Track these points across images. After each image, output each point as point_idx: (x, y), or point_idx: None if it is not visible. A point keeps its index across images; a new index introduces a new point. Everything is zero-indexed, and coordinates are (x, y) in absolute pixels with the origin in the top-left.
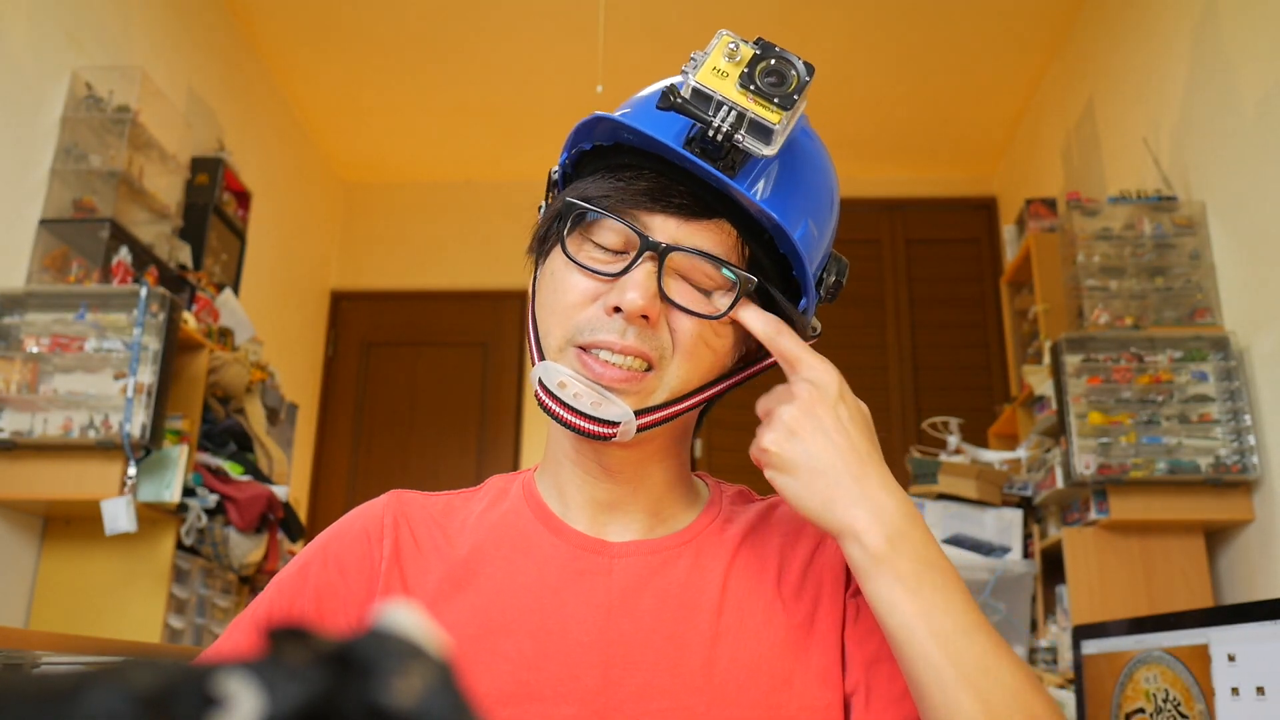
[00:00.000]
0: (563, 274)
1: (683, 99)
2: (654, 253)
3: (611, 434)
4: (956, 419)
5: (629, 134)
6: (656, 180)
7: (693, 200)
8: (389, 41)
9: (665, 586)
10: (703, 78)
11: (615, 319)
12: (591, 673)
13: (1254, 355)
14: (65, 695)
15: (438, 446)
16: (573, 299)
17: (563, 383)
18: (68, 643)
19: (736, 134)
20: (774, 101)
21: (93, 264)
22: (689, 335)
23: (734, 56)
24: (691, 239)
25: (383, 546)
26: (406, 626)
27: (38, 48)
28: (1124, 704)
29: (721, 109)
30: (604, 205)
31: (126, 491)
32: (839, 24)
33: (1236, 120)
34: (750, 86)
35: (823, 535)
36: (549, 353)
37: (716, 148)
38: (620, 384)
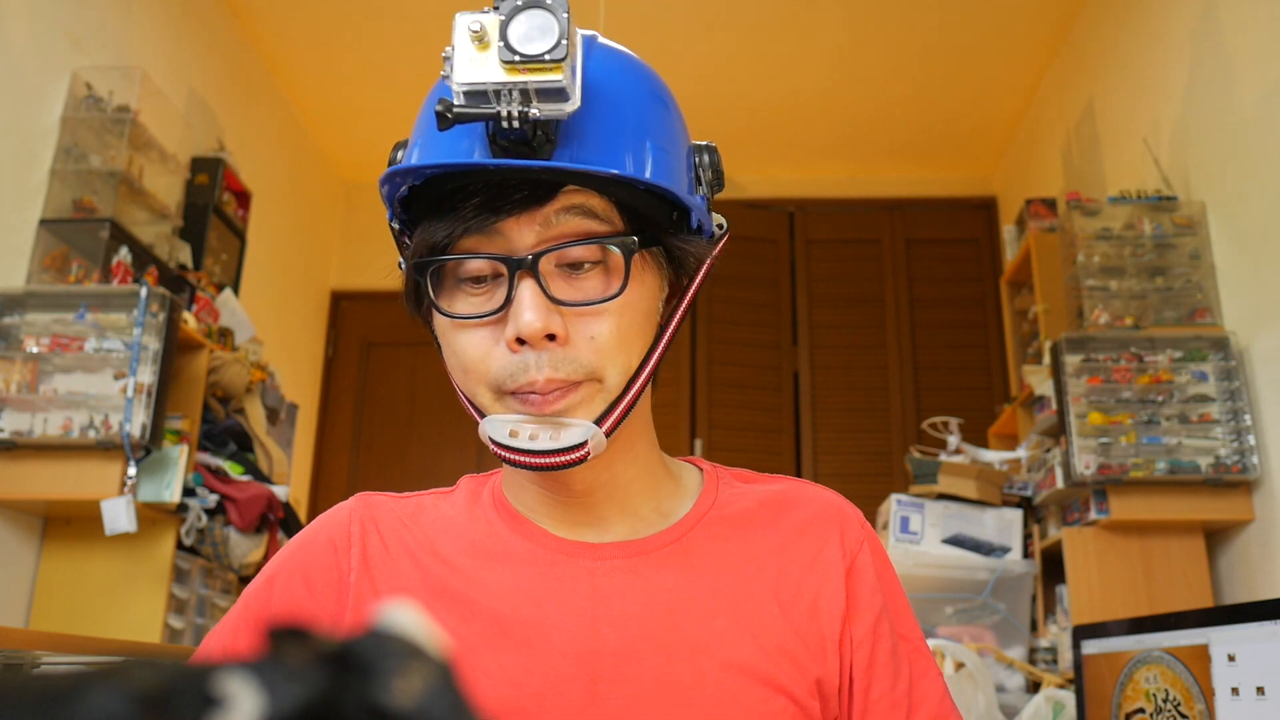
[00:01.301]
0: (453, 335)
1: (458, 108)
2: (524, 269)
3: (583, 456)
4: (956, 419)
5: (432, 171)
6: (488, 191)
7: (533, 187)
8: (389, 41)
9: (652, 591)
10: (461, 75)
11: (524, 352)
12: (576, 686)
13: (1254, 355)
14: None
15: (438, 446)
16: (474, 354)
17: (513, 431)
18: (68, 643)
19: (531, 110)
20: (545, 59)
21: (93, 264)
22: (609, 334)
23: (482, 36)
24: (547, 224)
25: (350, 556)
26: (406, 626)
27: (38, 48)
28: (1124, 704)
29: (501, 95)
30: (451, 245)
31: (126, 491)
32: (839, 24)
33: (1236, 120)
34: (516, 58)
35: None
36: (485, 409)
37: (518, 134)
38: (564, 402)
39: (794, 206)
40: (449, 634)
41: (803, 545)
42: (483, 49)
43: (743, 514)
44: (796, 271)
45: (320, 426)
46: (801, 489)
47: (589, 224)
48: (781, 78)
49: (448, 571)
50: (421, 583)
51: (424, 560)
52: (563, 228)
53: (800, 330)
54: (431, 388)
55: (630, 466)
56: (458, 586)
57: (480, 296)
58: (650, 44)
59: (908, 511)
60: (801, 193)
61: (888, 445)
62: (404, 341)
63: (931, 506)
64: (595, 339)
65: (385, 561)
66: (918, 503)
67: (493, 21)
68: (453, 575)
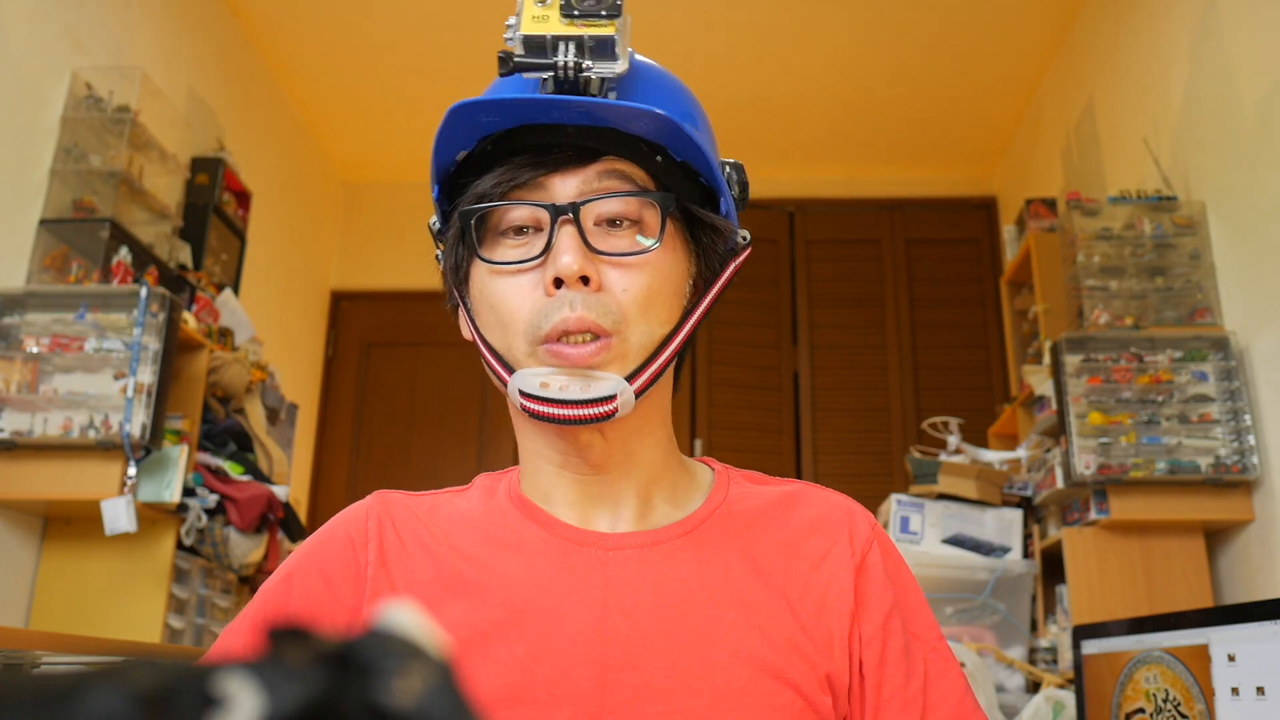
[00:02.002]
0: (492, 284)
1: (519, 57)
2: (565, 216)
3: (612, 410)
4: (956, 419)
5: (488, 115)
6: (535, 150)
7: (576, 150)
8: (389, 41)
9: (663, 581)
10: (526, 27)
11: (560, 294)
12: (587, 674)
13: (1254, 355)
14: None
15: (438, 446)
16: (514, 301)
17: (544, 383)
18: (68, 643)
19: (584, 62)
20: (602, 15)
21: (93, 264)
22: (638, 289)
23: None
24: (589, 182)
25: (368, 551)
26: (406, 626)
27: (38, 48)
28: (1124, 704)
29: (559, 46)
30: (496, 195)
31: (126, 491)
32: (839, 24)
33: (1236, 120)
34: (574, 14)
35: (840, 532)
36: (518, 365)
37: (571, 84)
38: (597, 357)
39: (794, 206)
40: (462, 622)
41: (812, 544)
42: (545, 9)
43: (753, 512)
44: (796, 271)
45: (320, 426)
46: (811, 490)
47: (626, 186)
48: (781, 78)
49: (462, 562)
50: (436, 575)
51: (438, 553)
52: (603, 186)
53: (800, 330)
54: (432, 388)
55: (647, 449)
56: (471, 576)
57: (521, 247)
58: (650, 43)
59: (908, 511)
60: (801, 193)
61: (888, 445)
62: (404, 341)
63: (931, 506)
64: (627, 290)
65: (401, 556)
66: (918, 503)
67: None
68: (467, 565)
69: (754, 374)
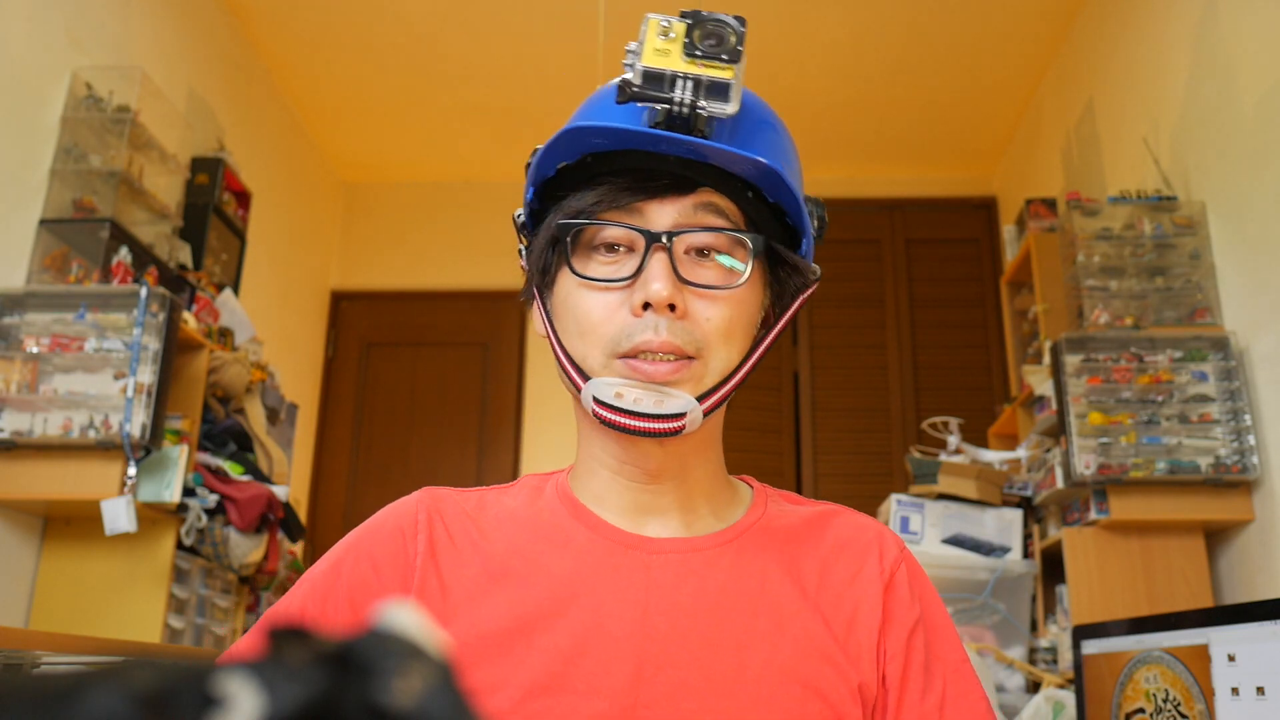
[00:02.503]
0: (578, 295)
1: (638, 88)
2: (660, 243)
3: (680, 426)
4: (956, 419)
5: (599, 138)
6: (636, 173)
7: (675, 179)
8: (389, 41)
9: (702, 586)
10: (649, 60)
11: (646, 317)
12: (625, 668)
13: (1254, 355)
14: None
15: (438, 446)
16: (598, 315)
17: (619, 393)
18: (68, 643)
19: (699, 101)
20: (722, 60)
21: (93, 264)
22: (721, 319)
23: (669, 34)
24: (685, 214)
25: (417, 542)
26: (406, 626)
27: (38, 48)
28: (1124, 704)
29: (677, 83)
30: (595, 214)
31: (126, 491)
32: (839, 24)
33: (1236, 120)
34: (696, 54)
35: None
36: (593, 373)
37: (683, 123)
38: (673, 376)
39: None
40: (507, 611)
41: (844, 562)
42: (668, 44)
43: (790, 528)
44: None
45: (320, 426)
46: (843, 512)
47: (719, 221)
48: (781, 77)
49: (510, 556)
50: (483, 568)
51: (486, 547)
52: (697, 219)
53: (800, 330)
54: (432, 388)
55: (700, 466)
56: (519, 568)
57: (611, 265)
58: None
59: (908, 511)
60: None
61: (888, 445)
62: (404, 341)
63: (931, 506)
64: (710, 320)
65: (450, 549)
66: (918, 503)
67: (680, 25)
68: (515, 559)
69: (754, 374)
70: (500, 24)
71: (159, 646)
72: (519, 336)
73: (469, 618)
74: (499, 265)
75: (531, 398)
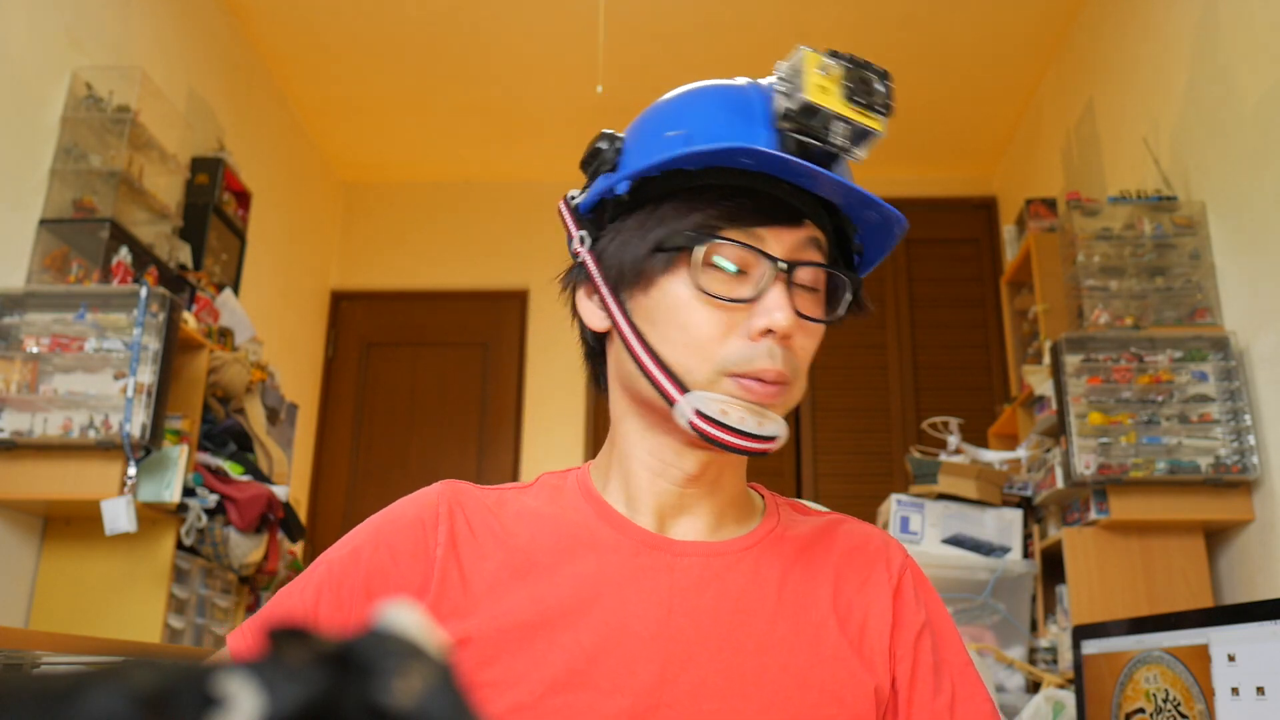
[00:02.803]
0: (691, 306)
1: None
2: (783, 273)
3: (772, 447)
4: (956, 419)
5: (749, 159)
6: (758, 196)
7: (788, 208)
8: (389, 41)
9: (724, 590)
10: (812, 95)
11: (762, 343)
12: (649, 667)
13: (1254, 355)
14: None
15: (438, 446)
16: (710, 331)
17: (724, 410)
18: (68, 643)
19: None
20: (877, 110)
21: (93, 264)
22: (809, 349)
23: (826, 70)
24: (797, 245)
25: (438, 533)
26: (406, 626)
27: (38, 48)
28: (1124, 704)
29: (834, 124)
30: (720, 229)
31: (126, 491)
32: (839, 24)
33: (1236, 120)
34: (856, 100)
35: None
36: (695, 386)
37: (826, 156)
38: (776, 399)
39: None
40: (530, 606)
41: (855, 568)
42: (826, 80)
43: (803, 536)
44: None
45: (320, 426)
46: (847, 521)
47: (820, 256)
48: None
49: (533, 553)
50: (505, 562)
51: (509, 544)
52: (805, 253)
53: None
54: (432, 388)
55: (733, 474)
56: (543, 565)
57: (729, 283)
58: (649, 44)
59: (908, 511)
60: None
61: (888, 445)
62: (404, 341)
63: (931, 506)
64: (804, 349)
65: (471, 542)
66: (918, 503)
67: (838, 67)
68: (538, 557)
69: None
70: (500, 24)
71: (159, 646)
72: (519, 336)
73: (490, 610)
74: (499, 265)
75: (531, 398)
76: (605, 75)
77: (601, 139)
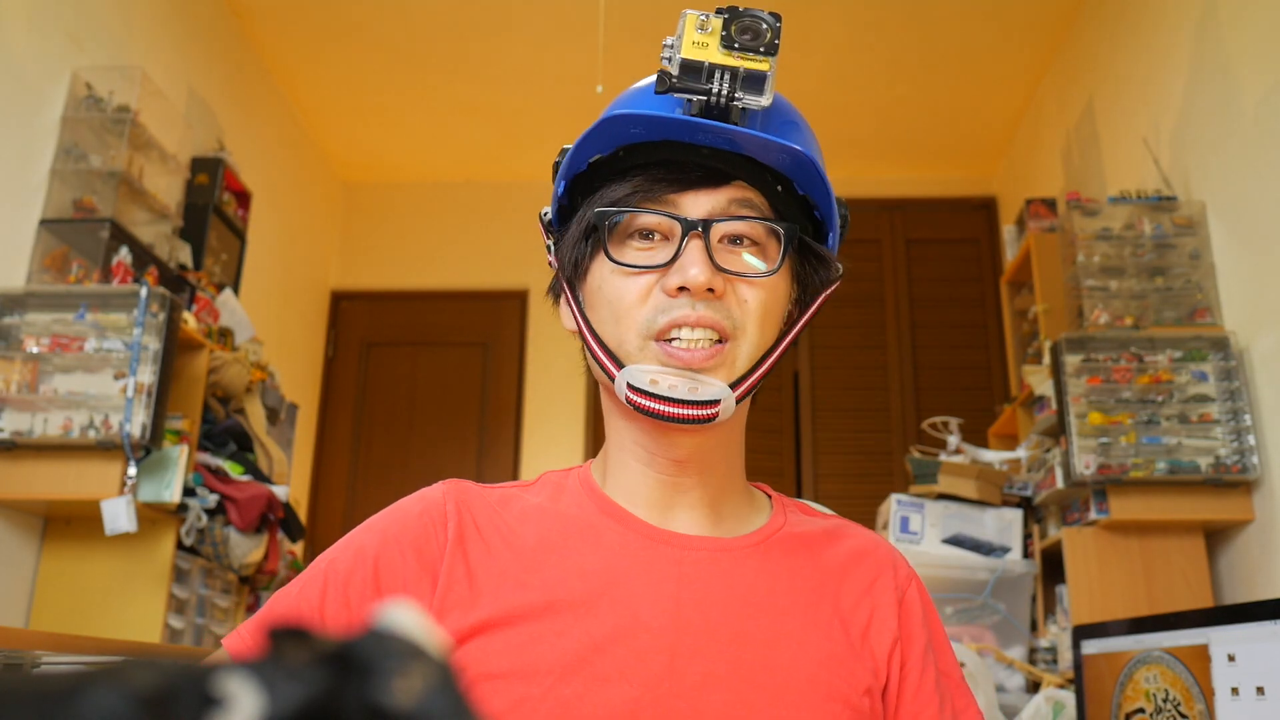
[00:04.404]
0: (613, 281)
1: (676, 78)
2: (695, 231)
3: (714, 413)
4: (956, 419)
5: (636, 128)
6: (670, 165)
7: (709, 172)
8: (389, 41)
9: (732, 584)
10: (687, 53)
11: (682, 298)
12: (658, 658)
13: (1254, 355)
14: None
15: (438, 446)
16: (633, 298)
17: (654, 379)
18: (68, 643)
19: (736, 92)
20: (759, 52)
21: (93, 264)
22: (756, 302)
23: (705, 27)
24: (719, 206)
25: (446, 530)
26: (407, 626)
27: (38, 48)
28: (1124, 704)
29: (715, 75)
30: (631, 203)
31: (126, 491)
32: (839, 24)
33: (1236, 120)
34: (733, 46)
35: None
36: (628, 359)
37: (720, 111)
38: (707, 362)
39: None
40: (538, 599)
41: (859, 572)
42: (705, 37)
43: (809, 536)
44: None
45: (320, 426)
46: (854, 526)
47: (752, 212)
48: (781, 78)
49: (540, 550)
50: (514, 559)
51: (516, 541)
52: (730, 211)
53: None
54: (432, 388)
55: (724, 461)
56: (550, 563)
57: (647, 251)
58: (649, 44)
59: (908, 511)
60: None
61: (888, 445)
62: (404, 341)
63: (931, 506)
64: (747, 302)
65: (478, 540)
66: (918, 503)
67: (717, 20)
68: (544, 552)
69: None
70: (500, 24)
71: (159, 646)
72: (519, 336)
73: (498, 604)
74: (499, 265)
75: (531, 398)
76: (605, 75)
77: (561, 153)
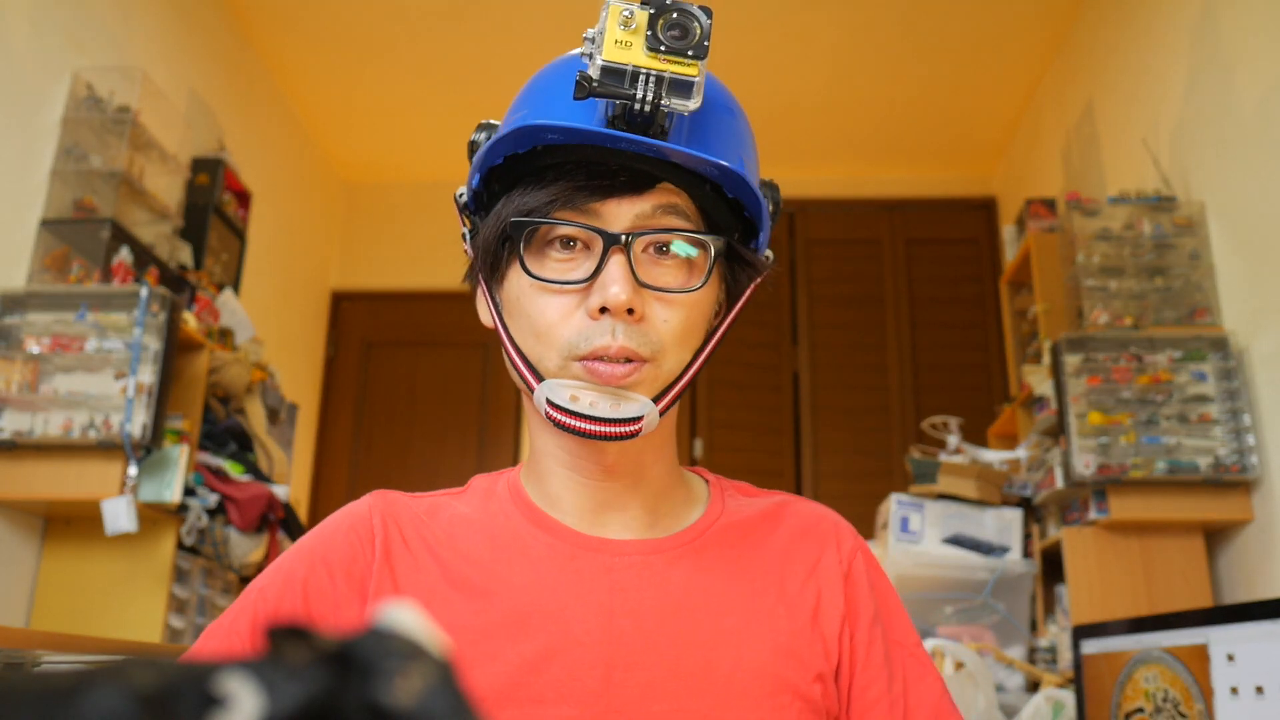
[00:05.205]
0: (532, 296)
1: (598, 82)
2: (618, 245)
3: (637, 430)
4: (956, 419)
5: (553, 135)
6: (591, 169)
7: (633, 176)
8: (389, 41)
9: (666, 587)
10: (609, 55)
11: (603, 320)
12: (593, 673)
13: (1254, 355)
14: (65, 695)
15: (438, 446)
16: (554, 317)
17: (574, 396)
18: (68, 643)
19: (661, 99)
20: (687, 55)
21: (93, 264)
22: (677, 321)
23: (630, 24)
24: (643, 215)
25: (374, 547)
26: (406, 626)
27: (38, 48)
28: (1124, 703)
29: (639, 79)
30: (549, 212)
31: (127, 491)
32: (838, 24)
33: (1236, 120)
34: (660, 48)
35: (829, 542)
36: (548, 374)
37: (644, 118)
38: (628, 379)
39: (794, 207)
40: (468, 623)
41: (802, 553)
42: (629, 35)
43: (747, 523)
44: (796, 271)
45: (320, 426)
46: (796, 501)
47: (678, 221)
48: (781, 78)
49: (467, 565)
50: (441, 576)
51: (443, 555)
52: (655, 220)
53: (800, 330)
54: (432, 388)
55: (656, 463)
56: (477, 579)
57: (566, 264)
58: None
59: (908, 511)
60: (801, 193)
61: (888, 445)
62: (404, 341)
63: (931, 506)
64: (668, 322)
65: (405, 555)
66: (918, 503)
67: (643, 15)
68: (472, 569)
69: (754, 374)
70: (499, 24)
71: (159, 646)
72: None
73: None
74: None
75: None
76: None
77: (479, 129)
